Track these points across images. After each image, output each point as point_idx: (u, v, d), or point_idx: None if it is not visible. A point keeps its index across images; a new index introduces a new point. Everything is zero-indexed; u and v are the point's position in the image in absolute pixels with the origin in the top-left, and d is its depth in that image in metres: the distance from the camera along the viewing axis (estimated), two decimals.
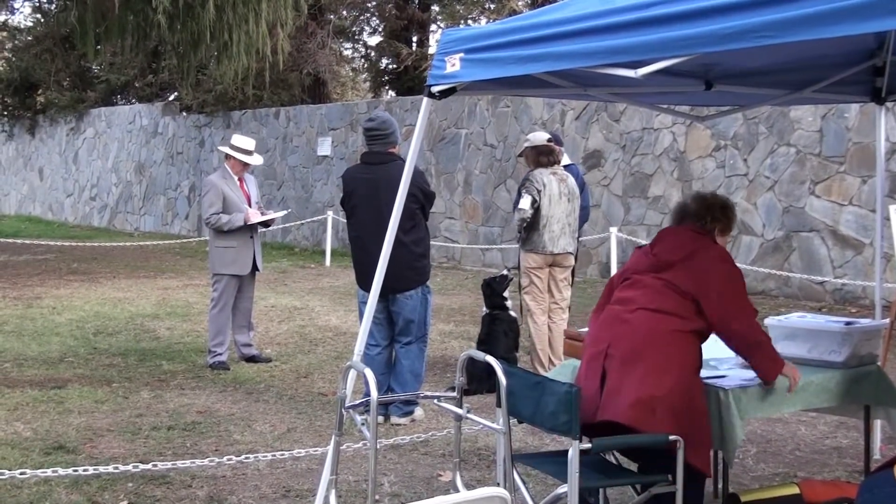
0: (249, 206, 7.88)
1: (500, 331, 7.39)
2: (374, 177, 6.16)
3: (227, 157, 8.02)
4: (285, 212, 7.78)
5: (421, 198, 6.13)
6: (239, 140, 8.06)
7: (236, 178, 7.95)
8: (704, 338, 3.87)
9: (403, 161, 6.43)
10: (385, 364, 6.29)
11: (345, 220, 6.60)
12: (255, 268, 7.93)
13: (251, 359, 8.02)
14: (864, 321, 4.89)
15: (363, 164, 6.36)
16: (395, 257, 5.91)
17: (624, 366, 3.77)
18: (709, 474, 3.73)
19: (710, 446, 3.81)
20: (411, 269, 6.10)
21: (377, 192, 6.10)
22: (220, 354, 7.82)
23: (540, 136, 7.67)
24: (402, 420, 6.23)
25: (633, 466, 3.98)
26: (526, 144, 7.62)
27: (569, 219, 7.33)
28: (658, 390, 3.67)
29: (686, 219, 4.06)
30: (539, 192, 7.22)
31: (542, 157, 7.41)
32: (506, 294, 7.56)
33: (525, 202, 7.22)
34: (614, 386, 3.76)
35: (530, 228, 7.28)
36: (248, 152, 7.97)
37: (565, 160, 8.22)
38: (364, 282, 6.19)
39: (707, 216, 4.01)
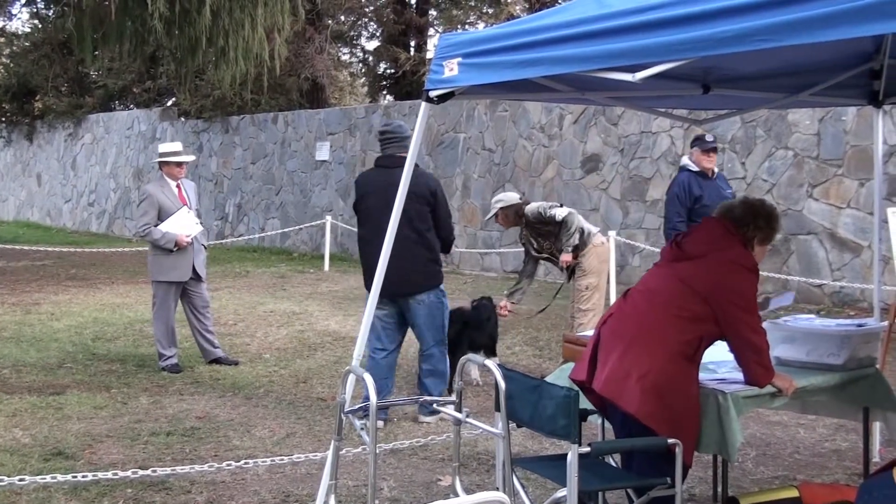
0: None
1: (482, 317, 7.48)
2: (386, 180, 6.13)
3: (161, 165, 8.18)
4: (199, 233, 8.00)
5: (431, 200, 6.14)
6: (166, 147, 8.34)
7: (174, 184, 8.07)
8: (711, 335, 3.84)
9: (417, 165, 6.49)
10: (389, 368, 6.30)
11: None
12: (197, 274, 7.97)
13: (216, 361, 8.09)
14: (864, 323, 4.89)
15: (377, 168, 6.40)
16: (408, 260, 5.91)
17: (614, 338, 3.87)
18: (688, 464, 3.72)
19: (694, 438, 3.79)
20: (423, 272, 6.11)
21: (389, 196, 6.08)
22: (170, 358, 7.92)
23: (511, 196, 7.63)
24: (430, 419, 6.26)
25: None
26: (499, 205, 7.45)
27: None
28: (634, 366, 3.74)
29: (728, 219, 4.01)
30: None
31: (521, 213, 7.44)
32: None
33: (562, 210, 7.36)
34: (603, 357, 3.88)
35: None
36: (177, 153, 8.15)
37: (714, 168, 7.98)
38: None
39: (751, 223, 3.96)
